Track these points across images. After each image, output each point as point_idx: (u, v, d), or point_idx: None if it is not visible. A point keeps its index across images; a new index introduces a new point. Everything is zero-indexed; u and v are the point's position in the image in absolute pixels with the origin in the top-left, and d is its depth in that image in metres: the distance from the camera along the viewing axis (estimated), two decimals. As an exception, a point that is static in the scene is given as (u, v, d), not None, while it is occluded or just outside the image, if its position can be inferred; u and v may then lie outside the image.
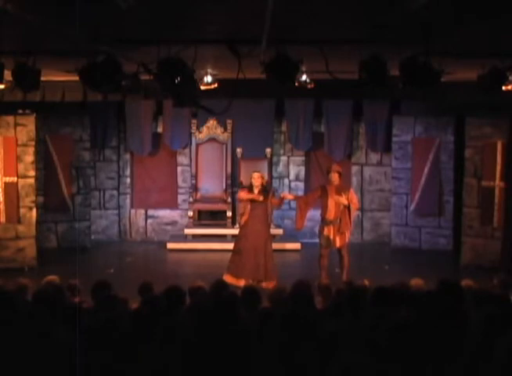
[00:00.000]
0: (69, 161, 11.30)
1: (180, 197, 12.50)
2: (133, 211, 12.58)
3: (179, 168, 12.49)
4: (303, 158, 12.54)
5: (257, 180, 8.78)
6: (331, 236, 8.69)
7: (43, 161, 10.98)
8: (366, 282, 6.11)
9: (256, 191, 8.80)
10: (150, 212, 12.52)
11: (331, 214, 8.68)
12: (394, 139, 11.63)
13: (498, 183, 9.89)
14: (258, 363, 3.79)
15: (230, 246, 11.18)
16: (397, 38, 5.85)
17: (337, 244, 8.73)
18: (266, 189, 8.88)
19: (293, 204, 12.45)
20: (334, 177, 8.66)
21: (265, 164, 12.05)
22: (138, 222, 12.56)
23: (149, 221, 12.54)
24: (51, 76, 8.03)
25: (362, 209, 12.40)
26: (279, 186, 12.47)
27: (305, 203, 8.93)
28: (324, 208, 8.74)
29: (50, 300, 5.01)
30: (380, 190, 12.33)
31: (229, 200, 11.78)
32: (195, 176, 11.97)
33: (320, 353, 3.71)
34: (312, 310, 5.02)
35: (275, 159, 12.44)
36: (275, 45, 5.94)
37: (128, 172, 12.57)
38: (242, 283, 8.27)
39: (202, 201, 11.72)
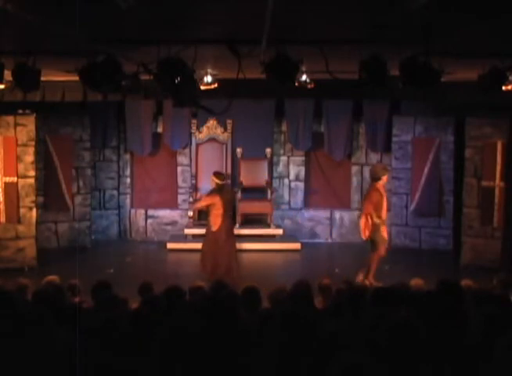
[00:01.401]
0: (69, 161, 11.30)
1: (180, 197, 12.50)
2: (133, 211, 12.58)
3: (179, 168, 12.50)
4: (303, 158, 12.54)
5: (211, 182, 9.00)
6: (386, 235, 8.94)
7: (43, 161, 10.99)
8: (367, 282, 6.11)
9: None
10: (150, 212, 12.53)
11: (385, 213, 8.92)
12: (394, 139, 11.63)
13: (498, 183, 9.89)
14: (258, 363, 3.79)
15: (230, 246, 11.25)
16: (397, 38, 5.85)
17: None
18: (214, 190, 8.99)
19: (294, 205, 12.52)
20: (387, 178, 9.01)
21: (265, 164, 12.07)
22: (138, 222, 12.56)
23: (149, 221, 12.54)
24: (51, 76, 8.03)
25: (362, 209, 12.40)
26: (279, 186, 12.48)
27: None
28: (380, 209, 8.81)
29: (50, 300, 5.01)
30: (380, 190, 12.31)
31: (229, 200, 11.76)
32: (195, 176, 11.97)
33: (320, 353, 3.71)
34: (312, 310, 5.02)
35: (275, 159, 12.45)
36: (275, 45, 5.94)
37: (128, 172, 12.57)
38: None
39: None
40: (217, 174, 9.09)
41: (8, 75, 6.66)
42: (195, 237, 11.60)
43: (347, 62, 6.25)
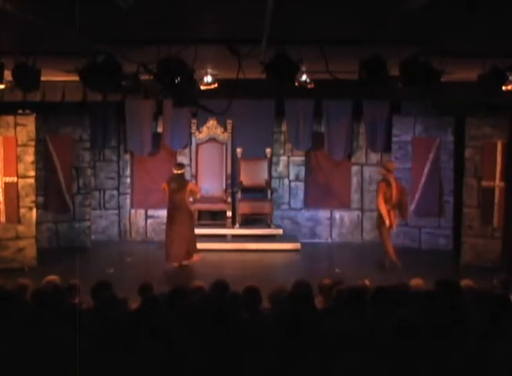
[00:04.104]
0: (69, 161, 11.31)
1: (180, 197, 12.47)
2: (133, 211, 12.58)
3: (179, 168, 12.47)
4: (303, 158, 12.53)
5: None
6: (390, 219, 9.77)
7: (43, 161, 10.99)
8: (366, 282, 6.11)
9: None
10: (150, 212, 12.52)
11: (396, 199, 9.77)
12: (394, 139, 11.63)
13: (498, 183, 9.89)
14: (258, 363, 3.79)
15: (230, 246, 11.26)
16: (397, 38, 5.85)
17: (394, 225, 9.85)
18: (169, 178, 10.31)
19: (294, 204, 12.52)
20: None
21: (264, 164, 12.07)
22: (138, 222, 12.56)
23: (149, 221, 12.54)
24: (51, 76, 8.03)
25: (362, 209, 12.41)
26: (279, 186, 12.47)
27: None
28: (389, 196, 9.74)
29: (50, 300, 5.01)
30: (381, 190, 12.30)
31: (229, 200, 11.78)
32: (195, 176, 11.97)
33: (320, 353, 3.72)
34: (312, 310, 5.02)
35: (275, 159, 12.44)
36: (275, 45, 5.94)
37: (128, 172, 12.57)
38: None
39: (202, 201, 11.70)
40: (176, 164, 10.51)
41: (8, 75, 6.66)
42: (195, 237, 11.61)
43: (347, 62, 6.25)
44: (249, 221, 11.96)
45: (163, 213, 12.44)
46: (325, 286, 5.85)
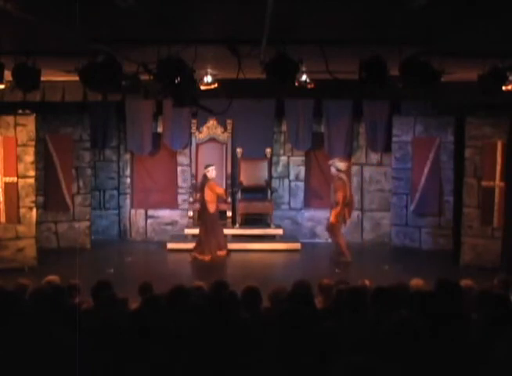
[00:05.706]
0: (69, 161, 11.31)
1: (180, 197, 12.50)
2: (133, 211, 12.58)
3: (179, 168, 12.50)
4: (303, 158, 12.54)
5: (211, 173, 10.46)
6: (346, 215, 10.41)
7: (43, 161, 10.99)
8: (366, 282, 6.10)
9: None
10: (150, 212, 12.53)
11: (350, 198, 10.38)
12: (394, 139, 11.64)
13: (498, 183, 9.89)
14: (258, 363, 3.79)
15: (230, 246, 11.25)
16: (397, 38, 5.85)
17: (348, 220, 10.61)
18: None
19: (293, 204, 12.53)
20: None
21: (265, 164, 12.07)
22: (138, 222, 12.56)
23: (149, 221, 12.54)
24: (51, 76, 8.03)
25: (362, 209, 12.41)
26: (279, 186, 12.48)
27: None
28: (345, 193, 10.27)
29: (50, 300, 5.01)
30: (380, 190, 12.33)
31: (229, 200, 11.78)
32: (195, 176, 11.97)
33: (320, 353, 3.71)
34: (312, 310, 5.02)
35: (275, 159, 12.45)
36: (275, 45, 5.94)
37: (128, 172, 12.58)
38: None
39: (202, 201, 11.69)
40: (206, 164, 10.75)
41: (8, 75, 6.66)
42: (195, 237, 11.60)
43: (347, 62, 6.25)
44: (249, 221, 11.96)
45: (163, 213, 12.52)
46: (325, 286, 5.85)
